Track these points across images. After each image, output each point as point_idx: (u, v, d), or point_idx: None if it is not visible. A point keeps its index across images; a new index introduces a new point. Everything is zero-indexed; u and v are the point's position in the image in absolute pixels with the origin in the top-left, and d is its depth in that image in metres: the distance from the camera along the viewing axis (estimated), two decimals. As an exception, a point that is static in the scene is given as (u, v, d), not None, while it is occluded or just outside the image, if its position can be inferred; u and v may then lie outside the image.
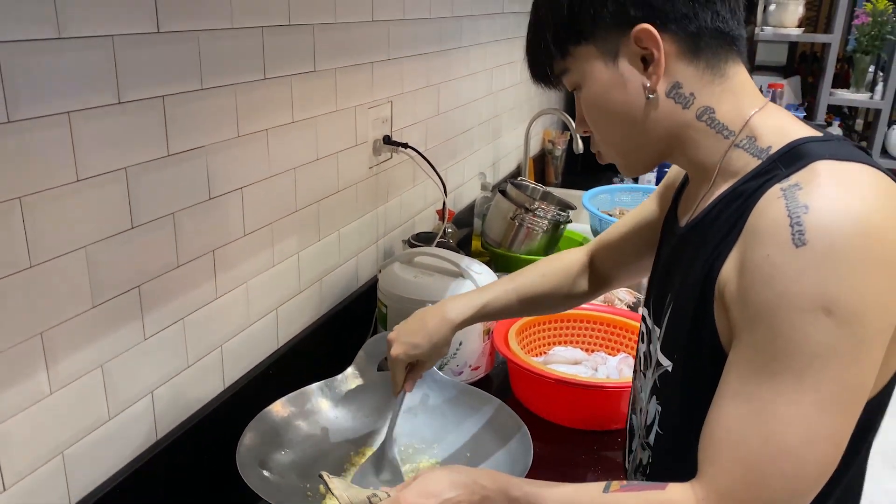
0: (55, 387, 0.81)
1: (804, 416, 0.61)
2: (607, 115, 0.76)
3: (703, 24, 0.70)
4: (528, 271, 1.09)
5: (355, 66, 1.34)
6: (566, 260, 1.09)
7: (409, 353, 1.00)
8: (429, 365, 1.04)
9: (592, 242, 1.10)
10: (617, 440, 1.23)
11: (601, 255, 1.07)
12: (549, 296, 1.07)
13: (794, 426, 0.61)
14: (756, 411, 0.62)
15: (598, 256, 1.08)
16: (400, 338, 1.01)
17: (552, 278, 1.07)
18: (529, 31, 0.79)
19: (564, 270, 1.08)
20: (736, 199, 0.69)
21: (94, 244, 0.83)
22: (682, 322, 0.75)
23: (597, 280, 1.08)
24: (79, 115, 0.78)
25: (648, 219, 0.99)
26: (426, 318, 1.02)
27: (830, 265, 0.59)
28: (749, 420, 0.63)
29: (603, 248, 1.07)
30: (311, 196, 1.26)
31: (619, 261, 1.06)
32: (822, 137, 0.68)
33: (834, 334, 0.59)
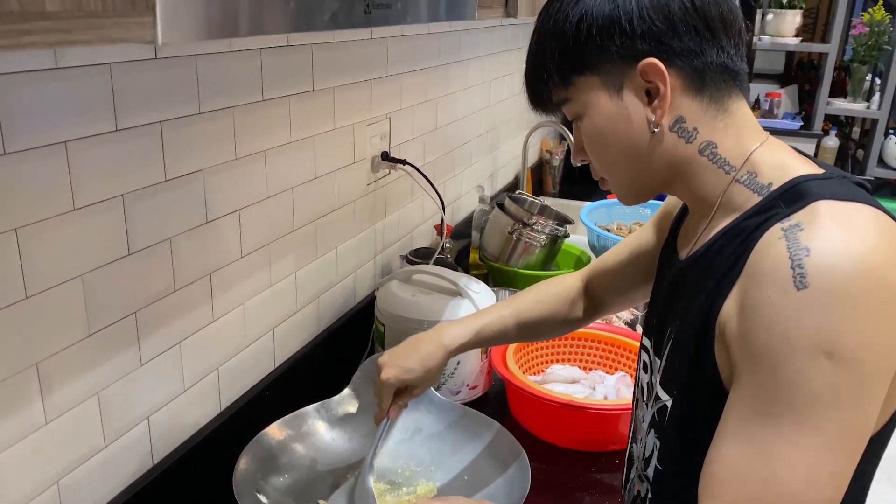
0: (50, 417, 0.80)
1: (805, 458, 0.61)
2: (609, 147, 0.75)
3: (709, 59, 0.70)
4: (523, 296, 1.09)
5: (354, 84, 1.33)
6: (562, 285, 1.09)
7: (400, 376, 0.99)
8: (418, 392, 1.04)
9: (588, 267, 1.09)
10: (615, 462, 1.23)
11: (597, 281, 1.07)
12: (545, 322, 1.07)
13: (795, 468, 0.61)
14: (757, 453, 0.62)
15: (593, 282, 1.07)
16: (392, 361, 1.00)
17: (547, 304, 1.07)
18: (530, 58, 0.78)
19: (560, 296, 1.08)
20: (737, 236, 0.69)
21: (91, 272, 0.82)
22: (682, 358, 0.75)
23: (592, 306, 1.08)
24: (76, 143, 0.78)
25: (645, 247, 0.99)
26: (420, 342, 1.01)
27: (831, 308, 0.58)
28: (750, 461, 0.63)
29: (599, 275, 1.07)
30: (308, 215, 1.26)
31: (614, 288, 1.05)
32: (823, 175, 0.68)
33: (835, 377, 0.59)
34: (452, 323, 1.04)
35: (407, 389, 1.02)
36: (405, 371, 0.99)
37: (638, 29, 0.69)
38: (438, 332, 1.02)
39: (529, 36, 0.78)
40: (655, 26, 0.69)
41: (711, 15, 0.69)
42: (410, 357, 1.00)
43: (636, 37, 0.69)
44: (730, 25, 0.71)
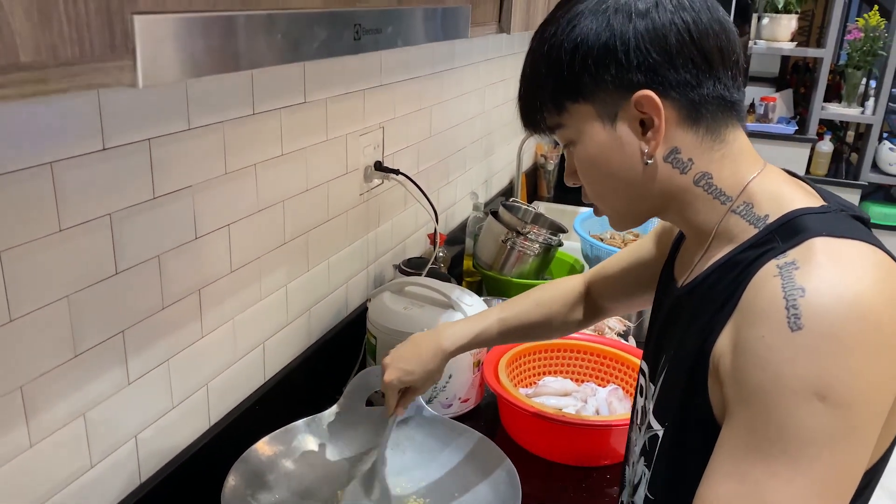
0: (35, 439, 0.79)
1: (797, 499, 0.60)
2: (602, 175, 0.74)
3: (706, 91, 0.69)
4: (523, 299, 1.10)
5: (346, 95, 1.33)
6: (562, 288, 1.10)
7: (402, 378, 1.02)
8: (421, 391, 1.07)
9: (591, 272, 1.10)
10: (605, 476, 1.23)
11: (598, 286, 1.07)
12: (543, 324, 1.08)
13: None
14: (749, 491, 0.62)
15: (595, 287, 1.08)
16: (394, 363, 1.03)
17: (547, 307, 1.08)
18: (524, 81, 0.77)
19: (560, 299, 1.08)
20: (733, 269, 0.68)
21: (77, 293, 0.82)
22: (674, 389, 0.74)
23: (592, 310, 1.09)
24: (62, 164, 0.77)
25: (645, 259, 0.99)
26: (420, 345, 1.04)
27: (826, 350, 0.58)
28: (741, 499, 0.62)
29: (601, 280, 1.07)
30: (300, 227, 1.25)
31: (615, 294, 1.06)
32: (820, 209, 0.67)
33: (828, 420, 0.58)
34: (453, 324, 1.06)
35: (411, 388, 1.05)
36: (406, 373, 1.02)
37: (634, 60, 0.67)
38: (438, 335, 1.04)
39: (524, 41, 0.76)
40: (652, 58, 0.67)
41: (709, 47, 0.68)
42: (411, 360, 1.03)
43: (632, 68, 0.68)
44: (727, 56, 0.70)
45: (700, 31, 0.68)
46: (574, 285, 1.09)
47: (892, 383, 0.61)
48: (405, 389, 1.05)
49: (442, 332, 1.04)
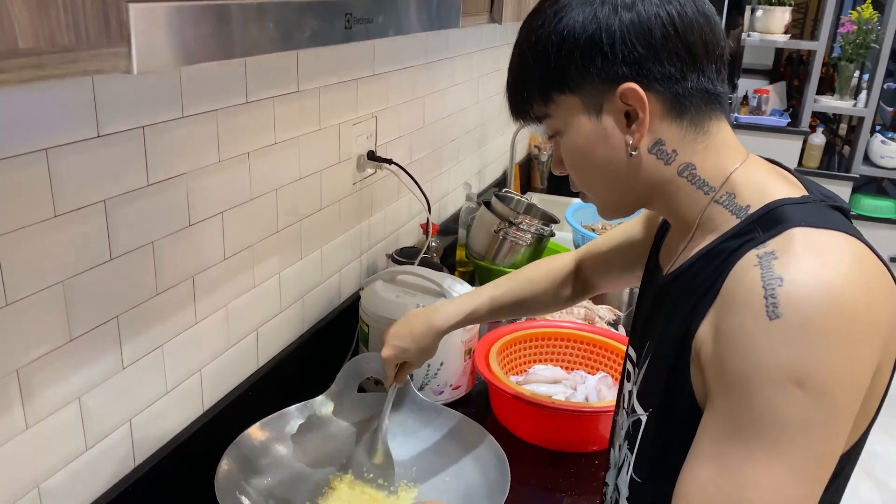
0: (31, 422, 0.81)
1: (775, 484, 0.62)
2: (587, 165, 0.76)
3: (690, 84, 0.70)
4: (515, 276, 1.14)
5: (339, 84, 1.33)
6: (553, 266, 1.13)
7: (397, 355, 1.09)
8: (417, 365, 1.13)
9: (582, 249, 1.13)
10: (594, 462, 1.25)
11: (588, 263, 1.11)
12: (534, 300, 1.12)
13: (764, 493, 0.62)
14: (728, 476, 0.63)
15: (585, 264, 1.11)
16: (390, 340, 1.09)
17: (538, 284, 1.12)
18: (512, 72, 0.78)
19: (551, 276, 1.12)
20: (715, 259, 0.69)
21: (72, 278, 0.83)
22: (658, 375, 0.76)
23: (581, 286, 1.12)
24: (57, 151, 0.78)
25: (634, 239, 1.02)
26: (414, 323, 1.09)
27: (803, 339, 0.59)
28: (721, 483, 0.64)
29: (591, 258, 1.10)
30: (293, 215, 1.26)
31: (604, 272, 1.09)
32: (801, 199, 0.69)
33: (805, 407, 0.60)
34: (447, 303, 1.11)
35: (407, 363, 1.11)
36: (401, 350, 1.08)
37: (619, 53, 0.69)
38: (432, 313, 1.09)
39: (517, 32, 0.77)
40: (637, 51, 0.68)
41: (693, 40, 0.69)
42: (405, 337, 1.08)
43: (617, 61, 0.69)
44: (712, 50, 0.71)
45: (685, 25, 0.69)
46: (565, 262, 1.12)
47: (867, 370, 0.63)
48: (402, 364, 1.11)
49: (436, 311, 1.09)
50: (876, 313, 0.62)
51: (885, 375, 0.67)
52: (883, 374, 0.66)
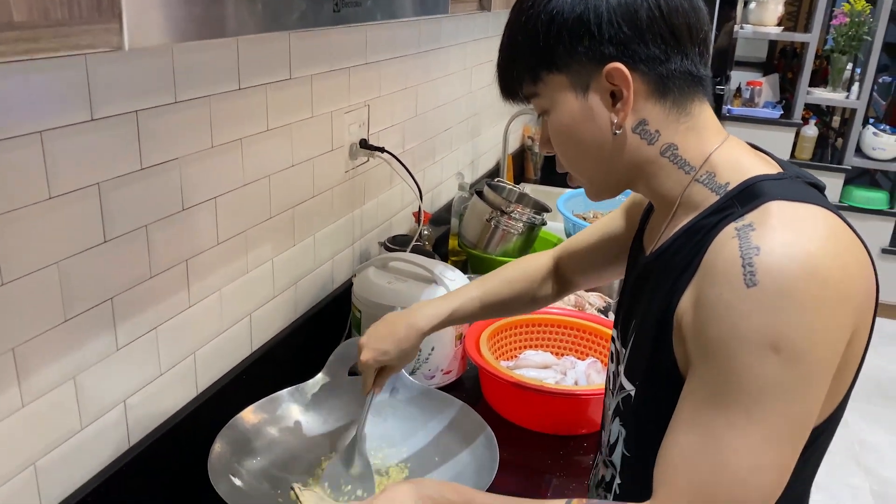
0: (27, 400, 0.82)
1: (752, 447, 0.64)
2: (574, 144, 0.78)
3: (674, 66, 0.72)
4: (494, 276, 1.13)
5: (331, 72, 1.35)
6: (532, 265, 1.13)
7: (377, 358, 1.05)
8: (397, 369, 1.09)
9: (559, 248, 1.14)
10: (583, 445, 1.27)
11: (566, 261, 1.11)
12: (515, 300, 1.12)
13: (742, 456, 0.64)
14: (708, 441, 0.66)
15: (563, 262, 1.12)
16: (370, 343, 1.05)
17: (518, 284, 1.12)
18: (503, 52, 0.80)
19: (530, 276, 1.12)
20: (695, 235, 0.71)
21: (67, 259, 0.84)
22: (643, 350, 0.78)
23: (561, 285, 1.13)
24: (51, 133, 0.79)
25: (614, 233, 1.03)
26: (396, 324, 1.06)
27: (779, 305, 0.61)
28: (701, 448, 0.66)
29: (568, 256, 1.11)
30: (285, 202, 1.27)
31: (582, 269, 1.10)
32: (777, 175, 0.71)
33: (781, 371, 0.62)
34: (427, 304, 1.08)
35: (387, 368, 1.08)
36: (381, 353, 1.04)
37: (606, 33, 0.70)
38: (412, 315, 1.06)
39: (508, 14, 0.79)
40: (623, 32, 0.70)
41: (678, 23, 0.71)
42: (386, 340, 1.05)
43: (604, 41, 0.71)
44: (695, 34, 0.73)
45: (670, 8, 0.71)
46: (542, 263, 1.13)
47: (841, 336, 0.65)
48: (381, 368, 1.07)
49: (416, 312, 1.06)
50: (849, 281, 0.64)
51: (859, 346, 0.70)
52: (856, 344, 0.68)
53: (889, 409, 3.18)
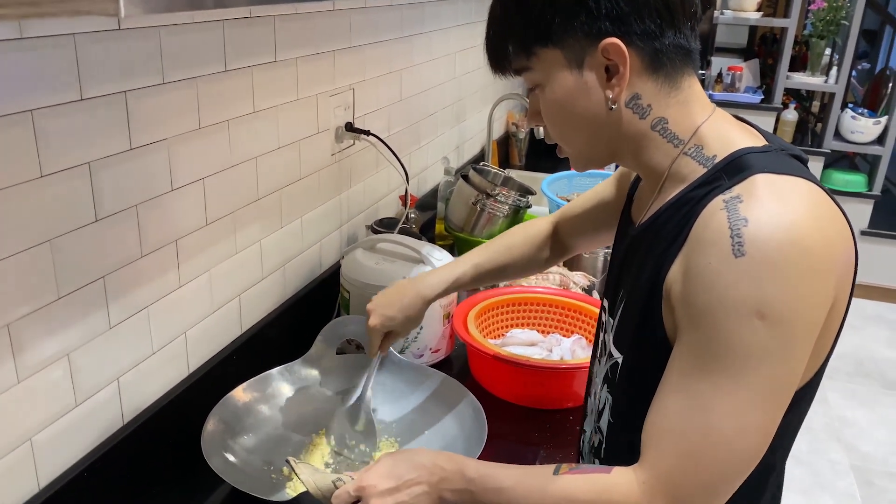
0: (22, 376, 0.84)
1: (738, 410, 0.67)
2: (566, 118, 0.79)
3: (667, 40, 0.73)
4: (495, 243, 1.18)
5: (316, 55, 1.36)
6: (531, 230, 1.18)
7: (384, 324, 1.10)
8: (403, 334, 1.15)
9: (557, 213, 1.18)
10: (569, 418, 1.29)
11: (564, 225, 1.16)
12: (515, 264, 1.17)
13: (728, 419, 0.67)
14: (695, 405, 0.68)
15: (561, 226, 1.16)
16: (377, 309, 1.11)
17: (517, 249, 1.16)
18: (493, 23, 0.80)
19: (529, 241, 1.17)
20: (683, 206, 0.73)
21: (59, 237, 0.85)
22: (632, 318, 0.80)
23: (558, 248, 1.17)
24: (41, 112, 0.80)
25: (605, 200, 1.07)
26: (402, 291, 1.11)
27: (765, 274, 0.64)
28: (688, 412, 0.69)
29: (566, 220, 1.15)
30: (273, 184, 1.29)
31: (578, 232, 1.14)
32: (763, 148, 0.73)
33: (766, 336, 0.65)
34: (432, 272, 1.14)
35: (392, 333, 1.13)
36: (388, 318, 1.10)
37: (603, 8, 0.71)
38: (418, 283, 1.12)
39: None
40: (620, 7, 0.71)
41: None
42: (393, 306, 1.10)
43: (601, 16, 0.71)
44: (688, 7, 0.74)
45: None
46: (542, 226, 1.17)
47: (823, 304, 0.68)
48: (387, 333, 1.13)
49: (421, 280, 1.12)
50: (831, 251, 0.67)
51: (838, 314, 0.72)
52: (837, 311, 0.71)
53: (867, 387, 3.25)
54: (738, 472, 0.69)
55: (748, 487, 0.72)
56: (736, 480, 0.70)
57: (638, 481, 0.71)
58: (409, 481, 0.78)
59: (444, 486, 0.78)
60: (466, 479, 0.78)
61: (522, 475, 0.77)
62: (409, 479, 0.78)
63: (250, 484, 0.95)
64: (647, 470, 0.71)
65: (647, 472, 0.71)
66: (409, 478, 0.78)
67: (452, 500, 0.79)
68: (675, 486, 0.69)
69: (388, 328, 1.11)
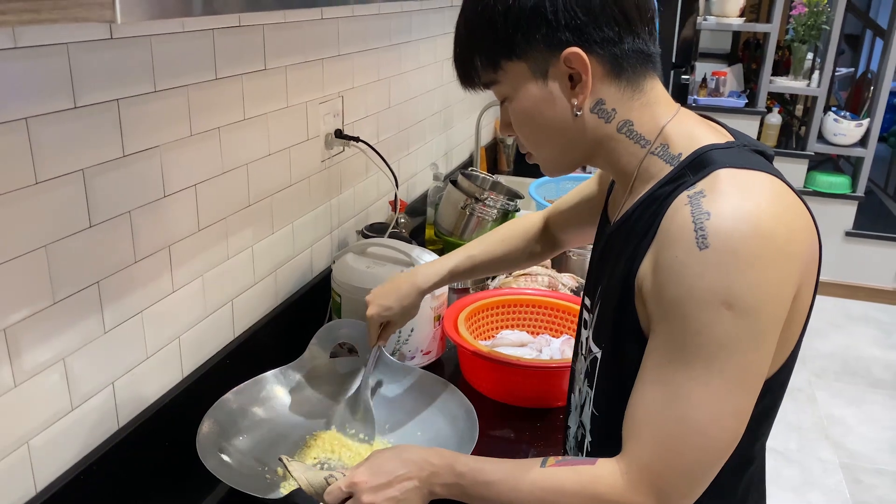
0: (19, 380, 0.85)
1: (712, 398, 0.69)
2: (535, 127, 0.81)
3: (626, 46, 0.76)
4: (489, 236, 1.22)
5: (305, 64, 1.38)
6: (524, 224, 1.22)
7: (381, 314, 1.14)
8: (400, 324, 1.18)
9: (548, 209, 1.22)
10: (558, 417, 1.31)
11: (554, 219, 1.20)
12: (507, 257, 1.20)
13: (703, 407, 0.69)
14: (671, 394, 0.70)
15: (551, 221, 1.20)
16: (375, 300, 1.15)
17: (511, 242, 1.20)
18: (460, 42, 0.83)
19: (522, 234, 1.21)
20: (652, 204, 0.76)
21: (54, 243, 0.87)
22: (608, 314, 0.83)
23: (549, 242, 1.21)
24: (36, 120, 0.82)
25: (590, 195, 1.11)
26: (399, 283, 1.15)
27: (730, 265, 0.66)
28: (665, 402, 0.71)
29: (556, 214, 1.19)
30: (263, 190, 1.30)
31: (568, 226, 1.18)
32: (726, 144, 0.76)
33: (735, 325, 0.67)
34: (428, 265, 1.19)
35: (391, 323, 1.17)
36: (385, 308, 1.14)
37: (562, 20, 0.74)
38: (414, 275, 1.16)
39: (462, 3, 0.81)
40: (578, 18, 0.74)
41: (628, 6, 0.75)
42: (389, 296, 1.14)
43: (560, 27, 0.74)
44: (644, 13, 0.77)
45: None
46: (535, 220, 1.22)
47: (788, 291, 0.70)
48: (385, 324, 1.16)
49: (417, 272, 1.16)
50: (793, 241, 0.69)
51: (805, 303, 0.75)
52: (802, 300, 0.74)
53: (854, 386, 3.28)
54: (716, 458, 0.72)
55: (724, 479, 0.74)
56: (715, 466, 0.72)
57: (621, 472, 0.73)
58: (400, 476, 0.80)
59: (434, 481, 0.80)
60: (456, 473, 0.80)
61: (511, 468, 0.79)
62: (399, 474, 0.80)
63: (245, 483, 0.96)
64: (629, 460, 0.73)
65: (629, 463, 0.73)
66: (400, 473, 0.80)
67: (442, 494, 0.81)
68: (657, 475, 0.72)
69: (385, 318, 1.14)
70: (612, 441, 0.79)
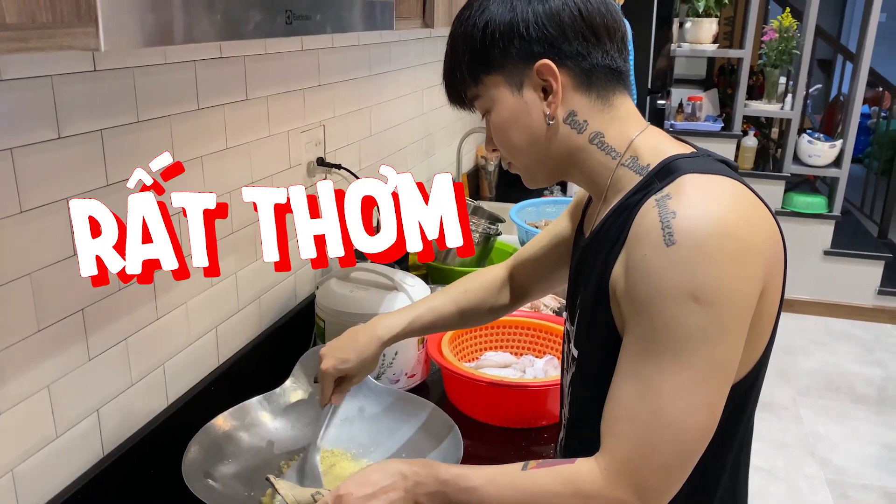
0: (3, 407, 0.85)
1: (683, 390, 0.72)
2: (512, 136, 0.86)
3: (595, 61, 0.82)
4: (452, 288, 1.17)
5: (286, 94, 1.41)
6: (488, 276, 1.18)
7: (337, 367, 1.08)
8: (357, 380, 1.12)
9: (512, 258, 1.19)
10: (543, 436, 1.32)
11: (519, 269, 1.17)
12: (473, 310, 1.16)
13: (675, 400, 0.72)
14: (644, 389, 0.73)
15: (516, 271, 1.17)
16: (331, 353, 1.09)
17: (475, 294, 1.16)
18: (447, 61, 0.89)
19: (486, 286, 1.17)
20: (623, 212, 0.80)
21: (38, 271, 0.88)
22: (587, 319, 0.86)
23: (516, 292, 1.18)
24: (21, 150, 0.83)
25: (561, 235, 1.10)
26: (357, 335, 1.09)
27: (695, 259, 0.70)
28: (638, 397, 0.73)
29: (521, 264, 1.17)
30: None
31: (535, 275, 1.15)
32: (690, 154, 0.80)
33: (702, 318, 0.70)
34: (387, 315, 1.13)
35: (347, 378, 1.10)
36: (342, 361, 1.08)
37: (534, 34, 0.80)
38: (374, 325, 1.10)
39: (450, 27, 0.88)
40: (548, 32, 0.80)
41: (597, 24, 0.81)
42: (347, 348, 1.08)
43: (532, 41, 0.81)
44: (613, 32, 0.83)
45: (589, 11, 0.81)
46: (497, 273, 1.18)
47: (752, 286, 0.73)
48: (341, 379, 1.10)
49: (377, 323, 1.10)
50: (755, 237, 0.73)
51: (773, 302, 0.78)
52: (769, 299, 0.77)
53: (838, 402, 3.31)
54: (691, 450, 0.74)
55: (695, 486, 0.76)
56: (691, 458, 0.74)
57: (600, 468, 0.75)
58: (385, 487, 0.81)
59: (418, 491, 0.81)
60: (440, 481, 0.81)
61: (493, 473, 0.81)
62: (384, 485, 0.81)
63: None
64: (608, 457, 0.75)
65: (607, 459, 0.75)
66: (385, 484, 0.81)
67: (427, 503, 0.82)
68: (635, 469, 0.73)
69: (342, 372, 1.08)
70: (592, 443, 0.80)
